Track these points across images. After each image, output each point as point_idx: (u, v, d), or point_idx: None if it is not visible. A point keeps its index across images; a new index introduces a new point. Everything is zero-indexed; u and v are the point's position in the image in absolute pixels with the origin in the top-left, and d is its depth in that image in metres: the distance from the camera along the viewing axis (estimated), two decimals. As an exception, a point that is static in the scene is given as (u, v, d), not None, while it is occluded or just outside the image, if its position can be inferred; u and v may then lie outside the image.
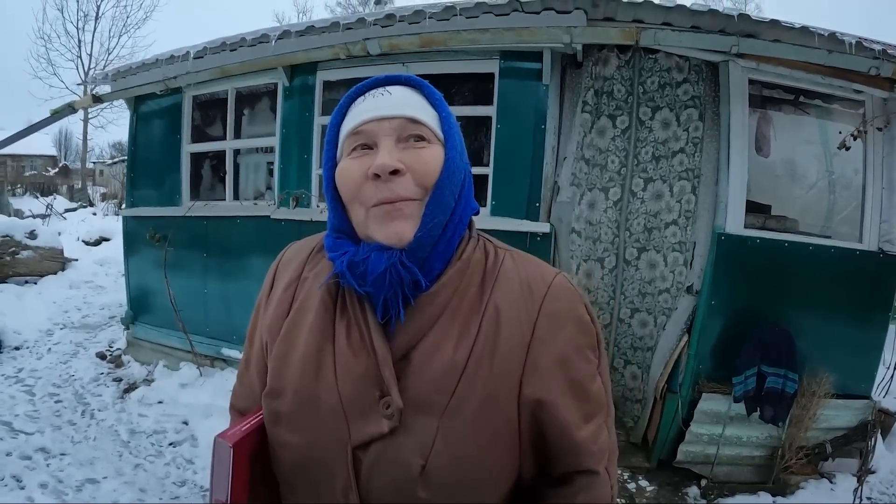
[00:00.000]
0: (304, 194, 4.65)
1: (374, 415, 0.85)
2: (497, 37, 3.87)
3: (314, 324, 0.93)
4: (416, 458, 0.83)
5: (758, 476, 4.04)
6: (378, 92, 0.94)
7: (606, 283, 4.22)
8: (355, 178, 0.89)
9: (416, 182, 0.88)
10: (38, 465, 3.86)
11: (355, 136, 0.91)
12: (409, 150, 0.89)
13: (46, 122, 6.62)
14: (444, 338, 0.87)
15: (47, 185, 29.43)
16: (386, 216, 0.87)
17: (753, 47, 3.72)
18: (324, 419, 0.88)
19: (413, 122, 0.90)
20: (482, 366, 0.86)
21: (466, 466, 0.84)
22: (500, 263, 0.94)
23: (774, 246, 3.91)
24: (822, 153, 4.73)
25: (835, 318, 4.03)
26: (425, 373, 0.85)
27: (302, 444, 0.89)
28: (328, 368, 0.89)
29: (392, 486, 0.84)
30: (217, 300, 5.40)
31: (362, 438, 0.85)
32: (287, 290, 1.00)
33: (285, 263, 1.05)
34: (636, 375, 4.22)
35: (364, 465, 0.85)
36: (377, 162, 0.86)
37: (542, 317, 0.89)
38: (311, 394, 0.89)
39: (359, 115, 0.92)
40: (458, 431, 0.83)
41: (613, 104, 4.06)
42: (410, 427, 0.84)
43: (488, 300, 0.90)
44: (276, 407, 0.92)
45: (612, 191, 4.10)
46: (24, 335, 6.57)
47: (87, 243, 12.52)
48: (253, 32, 4.69)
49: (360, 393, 0.87)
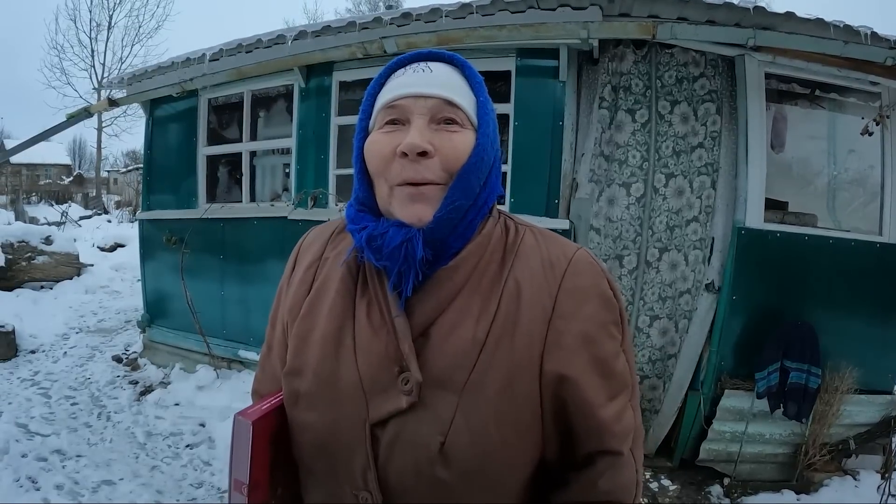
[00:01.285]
0: (321, 193, 4.66)
1: (392, 391, 0.84)
2: (514, 33, 3.87)
3: (335, 302, 0.93)
4: (436, 434, 0.82)
5: (781, 474, 4.00)
6: (420, 67, 0.93)
7: (625, 286, 4.18)
8: (384, 153, 0.89)
9: (442, 166, 0.87)
10: (54, 467, 3.88)
11: (390, 109, 0.91)
12: (441, 133, 0.89)
13: (63, 126, 6.68)
14: (464, 314, 0.86)
15: (62, 193, 29.71)
16: (408, 198, 0.87)
17: (770, 40, 3.70)
18: (343, 398, 0.87)
19: (449, 104, 0.90)
20: (502, 342, 0.85)
21: (487, 444, 0.82)
22: (520, 239, 0.94)
23: (795, 240, 3.88)
24: (839, 147, 4.69)
25: (856, 312, 3.99)
26: (445, 348, 0.85)
27: (321, 424, 0.88)
28: (348, 347, 0.89)
29: (411, 464, 0.83)
30: (234, 302, 5.41)
31: (380, 415, 0.84)
32: (308, 270, 1.00)
33: (307, 246, 1.05)
34: (656, 386, 4.15)
35: (382, 444, 0.84)
36: (407, 140, 0.86)
37: (562, 292, 0.88)
38: (331, 372, 0.88)
39: (396, 88, 0.92)
40: (479, 408, 0.82)
41: (632, 99, 4.04)
42: (430, 403, 0.83)
43: (508, 276, 0.89)
44: (295, 386, 0.91)
45: (634, 186, 4.05)
46: (40, 339, 6.62)
47: (102, 249, 12.60)
48: (269, 33, 4.71)
49: (380, 370, 0.86)
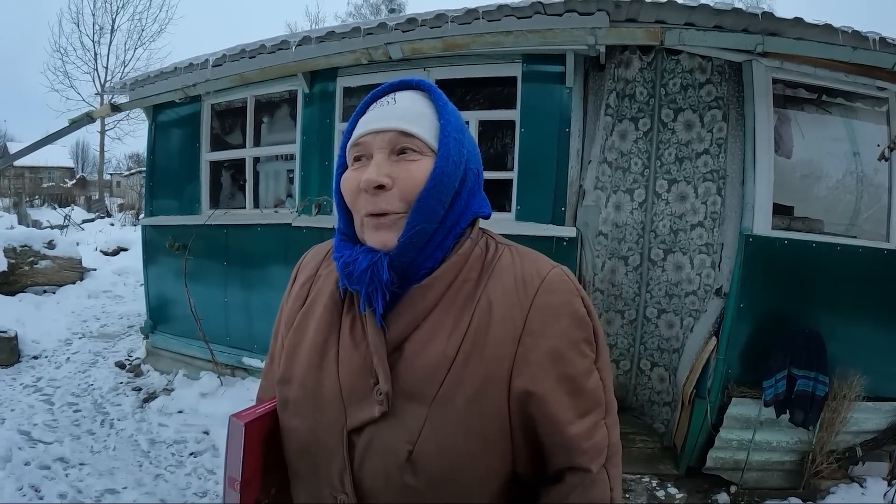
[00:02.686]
0: (326, 200, 4.64)
1: (368, 401, 0.90)
2: (520, 39, 3.85)
3: (322, 317, 1.00)
4: (404, 443, 0.87)
5: (788, 482, 3.97)
6: (385, 100, 0.99)
7: (631, 280, 4.19)
8: (352, 188, 0.96)
9: (400, 196, 0.92)
10: (57, 475, 3.86)
11: (355, 147, 0.97)
12: (401, 163, 0.93)
13: (65, 131, 6.66)
14: (437, 330, 0.91)
15: (65, 196, 29.73)
16: (373, 227, 0.93)
17: (778, 45, 3.69)
18: (325, 405, 0.94)
19: (405, 135, 0.94)
20: (472, 357, 0.88)
21: (453, 455, 0.86)
22: (497, 258, 0.97)
23: (802, 247, 3.86)
24: (845, 153, 4.67)
25: (864, 319, 3.97)
26: (416, 362, 0.89)
27: (305, 429, 0.95)
28: (332, 359, 0.96)
29: (382, 470, 0.89)
30: (238, 309, 5.40)
31: (356, 423, 0.90)
32: (304, 286, 1.09)
33: (305, 264, 1.14)
34: (663, 378, 4.17)
35: (357, 449, 0.91)
36: (364, 177, 0.92)
37: (534, 310, 0.90)
38: (315, 382, 0.96)
39: (361, 126, 0.98)
40: (447, 420, 0.86)
41: (636, 107, 4.04)
42: (400, 414, 0.88)
43: (481, 293, 0.93)
44: (285, 393, 0.99)
45: (636, 192, 4.08)
46: (42, 344, 6.60)
47: (105, 253, 12.59)
48: (272, 39, 4.70)
49: (358, 381, 0.92)
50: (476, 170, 1.00)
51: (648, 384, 4.23)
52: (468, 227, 0.99)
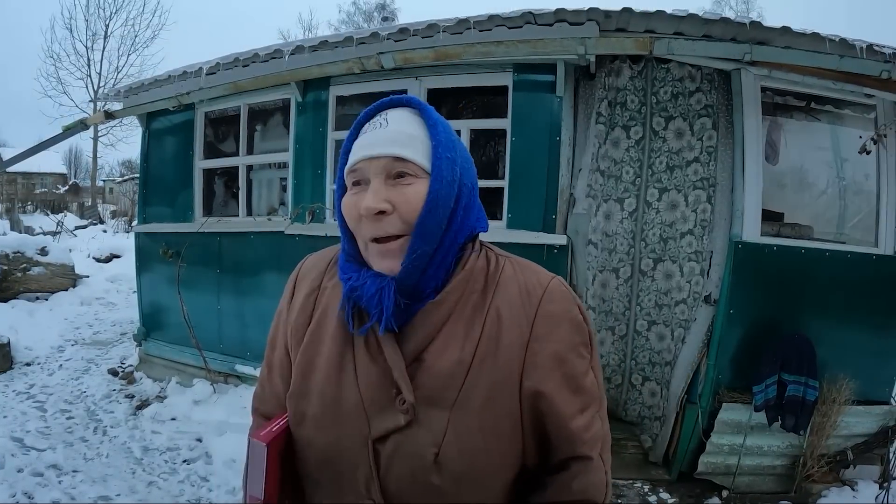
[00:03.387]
0: (319, 208, 4.65)
1: (391, 411, 0.95)
2: (511, 49, 3.89)
3: (336, 332, 1.03)
4: (430, 447, 0.92)
5: (779, 486, 3.99)
6: (378, 121, 1.01)
7: (622, 294, 4.20)
8: (352, 214, 0.99)
9: (401, 219, 0.96)
10: (50, 482, 3.84)
11: (352, 173, 1.00)
12: (397, 188, 0.96)
13: (58, 138, 6.65)
14: (451, 339, 0.97)
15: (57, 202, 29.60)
16: (378, 254, 0.97)
17: (766, 54, 3.73)
18: (347, 417, 0.97)
19: (398, 160, 0.96)
20: (486, 363, 0.95)
21: (474, 454, 0.93)
22: (500, 270, 1.03)
23: (791, 253, 3.89)
24: (834, 159, 4.72)
25: (853, 323, 4.01)
26: (435, 371, 0.95)
27: (327, 442, 0.98)
28: (349, 372, 0.99)
29: (409, 473, 0.93)
30: (231, 316, 5.40)
31: (381, 432, 0.95)
32: (308, 298, 1.10)
33: (305, 274, 1.14)
34: (655, 392, 4.18)
35: (383, 457, 0.95)
36: (363, 204, 0.95)
37: (539, 317, 0.98)
38: (335, 395, 0.99)
39: (356, 151, 1.00)
40: (466, 422, 0.93)
41: (627, 115, 4.07)
42: (424, 420, 0.93)
43: (490, 304, 0.99)
44: (301, 408, 1.01)
45: (627, 201, 4.10)
46: (35, 351, 6.58)
47: (97, 260, 12.55)
48: (266, 48, 4.72)
49: (378, 393, 0.96)
50: (470, 184, 1.03)
51: (639, 399, 4.25)
52: (469, 242, 1.04)
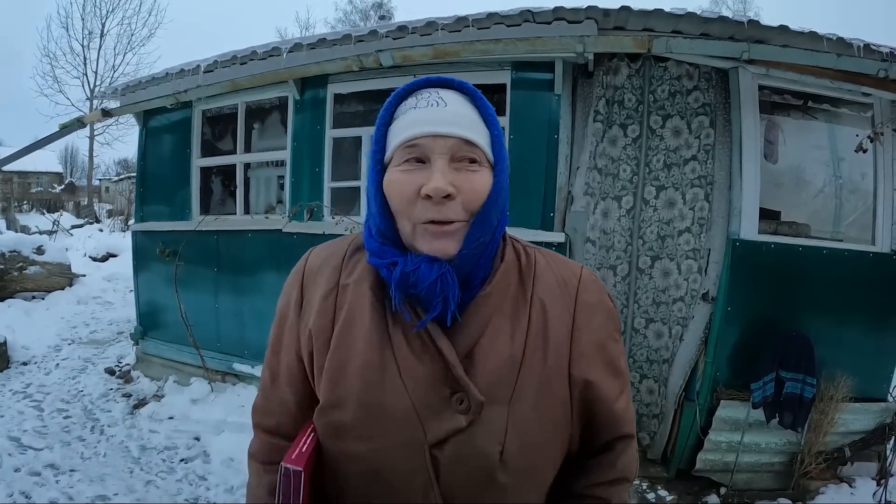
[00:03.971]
0: (317, 206, 4.65)
1: (447, 412, 0.90)
2: (510, 47, 3.88)
3: (371, 333, 0.94)
4: (494, 445, 0.90)
5: (777, 483, 4.00)
6: (432, 98, 0.94)
7: (619, 291, 4.20)
8: (407, 193, 0.91)
9: (464, 206, 0.91)
10: (47, 482, 3.84)
11: (409, 148, 0.92)
12: (462, 173, 0.91)
13: (55, 136, 6.64)
14: (499, 333, 0.93)
15: (53, 201, 29.50)
16: (433, 235, 0.91)
17: (763, 53, 3.74)
18: (394, 424, 0.90)
19: (468, 143, 0.92)
20: (536, 354, 0.94)
21: (534, 447, 0.93)
22: (533, 262, 1.02)
23: (789, 250, 3.90)
24: (831, 158, 4.72)
25: (851, 321, 4.02)
26: (488, 367, 0.91)
27: (373, 452, 0.92)
28: (393, 374, 0.92)
29: (473, 476, 0.90)
30: (228, 315, 5.39)
31: (440, 436, 0.89)
32: (326, 299, 0.99)
33: (313, 271, 1.03)
34: (653, 390, 4.18)
35: (443, 462, 0.90)
36: (431, 185, 0.88)
37: (578, 307, 0.99)
38: (377, 401, 0.91)
39: (414, 125, 0.92)
40: (524, 416, 0.91)
41: (624, 113, 4.07)
42: (484, 418, 0.90)
43: (532, 296, 0.97)
44: (337, 419, 0.94)
45: (624, 199, 4.10)
46: (32, 350, 6.56)
47: (94, 259, 12.53)
48: (264, 46, 4.71)
49: (429, 394, 0.91)
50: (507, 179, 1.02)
51: (637, 396, 4.25)
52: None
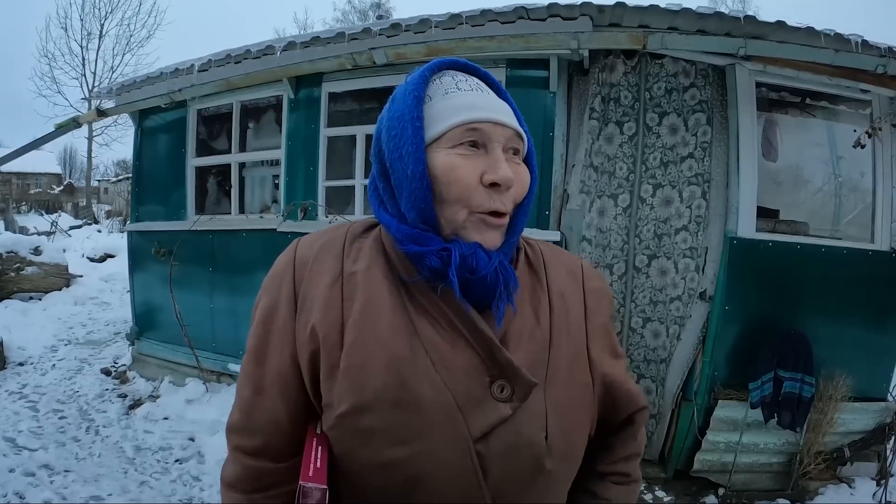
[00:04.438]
0: (311, 205, 4.62)
1: (488, 402, 0.85)
2: (504, 44, 3.86)
3: (394, 323, 0.86)
4: (539, 430, 0.87)
5: (776, 483, 3.98)
6: (472, 83, 0.94)
7: (616, 290, 4.18)
8: (468, 180, 0.86)
9: (513, 198, 0.91)
10: (42, 482, 3.82)
11: (469, 130, 0.87)
12: (511, 164, 0.90)
13: (51, 136, 6.63)
14: (526, 317, 0.93)
15: (52, 202, 29.55)
16: (486, 225, 0.89)
17: (760, 49, 3.71)
18: (435, 422, 0.82)
19: (519, 136, 0.93)
20: (561, 337, 0.94)
21: (570, 429, 0.92)
22: (539, 253, 1.03)
23: (787, 249, 3.88)
24: (829, 155, 4.70)
25: (850, 320, 4.00)
26: (522, 349, 0.89)
27: (413, 456, 0.83)
28: (426, 367, 0.84)
29: (521, 467, 0.86)
30: (223, 315, 5.36)
31: (484, 428, 0.84)
32: (331, 290, 0.89)
33: (307, 261, 0.93)
34: (650, 389, 4.16)
35: (488, 458, 0.84)
36: (502, 174, 0.86)
37: (587, 293, 1.02)
38: (413, 399, 0.83)
39: (473, 109, 0.88)
40: (559, 398, 0.90)
41: (620, 111, 4.04)
42: (526, 404, 0.87)
43: (548, 283, 0.99)
44: (365, 425, 0.83)
45: (620, 197, 4.07)
46: (28, 351, 6.57)
47: (91, 260, 12.54)
48: (258, 44, 4.69)
49: (469, 384, 0.85)
50: None
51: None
52: None
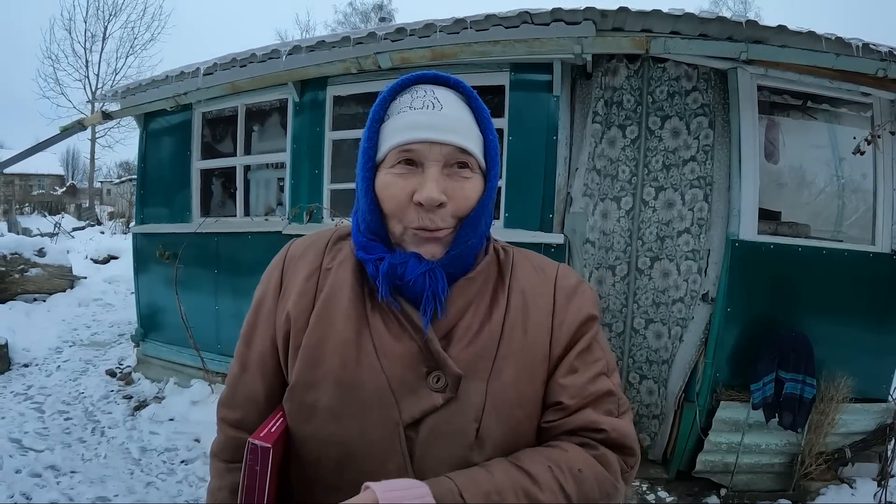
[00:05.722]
0: (316, 208, 4.65)
1: (423, 391, 0.90)
2: (508, 48, 3.89)
3: (349, 311, 0.94)
4: (471, 423, 0.89)
5: (778, 484, 4.00)
6: (427, 99, 0.94)
7: (619, 291, 4.20)
8: (399, 198, 0.92)
9: (453, 213, 0.92)
10: (48, 483, 3.84)
11: (403, 152, 0.92)
12: (454, 179, 0.92)
13: (56, 138, 6.66)
14: (478, 316, 0.95)
15: (55, 203, 29.50)
16: (422, 240, 0.93)
17: (762, 53, 3.73)
18: (370, 404, 0.89)
19: (462, 151, 0.92)
20: (515, 332, 0.95)
21: (511, 423, 0.91)
22: (511, 256, 1.05)
23: (788, 251, 3.90)
24: (831, 158, 4.72)
25: (851, 321, 4.02)
26: (468, 345, 0.92)
27: (348, 434, 0.89)
28: (369, 353, 0.91)
29: (449, 455, 0.88)
30: (228, 317, 5.38)
31: (415, 415, 0.89)
32: (308, 281, 0.99)
33: (295, 257, 1.05)
34: (652, 390, 4.18)
35: (417, 443, 0.89)
36: (425, 194, 0.89)
37: (558, 290, 1.01)
38: (353, 380, 0.90)
39: (409, 129, 0.92)
40: (503, 391, 0.91)
41: (623, 114, 4.07)
42: (461, 395, 0.90)
43: (510, 281, 1.00)
44: (310, 400, 0.91)
45: (623, 200, 4.11)
46: (32, 352, 6.58)
47: (95, 261, 12.55)
48: (263, 48, 4.72)
49: (407, 373, 0.90)
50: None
51: (637, 397, 4.24)
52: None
